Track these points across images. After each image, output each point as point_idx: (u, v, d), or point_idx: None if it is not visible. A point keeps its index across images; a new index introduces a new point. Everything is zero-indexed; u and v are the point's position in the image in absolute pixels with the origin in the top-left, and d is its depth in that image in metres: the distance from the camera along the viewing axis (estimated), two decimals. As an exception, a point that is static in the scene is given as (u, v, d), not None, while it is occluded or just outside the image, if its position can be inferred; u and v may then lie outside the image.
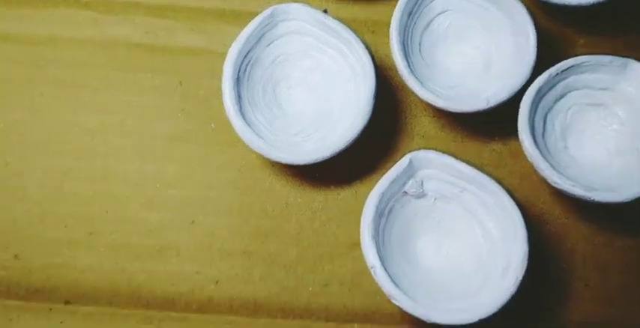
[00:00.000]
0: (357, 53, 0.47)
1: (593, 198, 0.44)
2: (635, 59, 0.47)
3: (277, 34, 0.48)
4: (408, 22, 0.48)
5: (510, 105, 0.46)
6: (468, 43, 0.50)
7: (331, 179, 0.49)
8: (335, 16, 0.48)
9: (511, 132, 0.47)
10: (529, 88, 0.46)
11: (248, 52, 0.48)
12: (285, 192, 0.49)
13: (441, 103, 0.46)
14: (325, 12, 0.48)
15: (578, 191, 0.44)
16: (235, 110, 0.45)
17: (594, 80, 0.47)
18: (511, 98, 0.46)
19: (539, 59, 0.46)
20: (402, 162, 0.45)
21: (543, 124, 0.47)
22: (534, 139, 0.45)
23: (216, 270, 0.48)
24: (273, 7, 0.47)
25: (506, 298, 0.42)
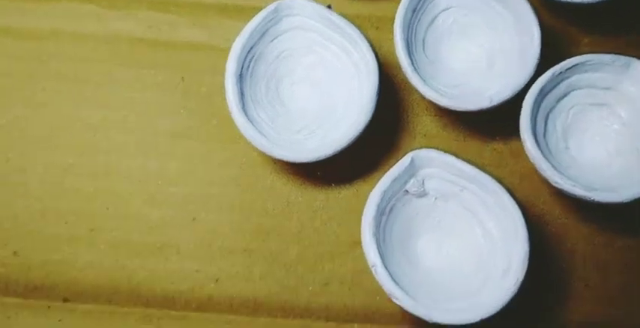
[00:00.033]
0: (360, 50, 0.47)
1: (593, 198, 0.44)
2: (639, 59, 0.47)
3: (281, 29, 0.48)
4: (413, 18, 0.48)
5: (512, 104, 0.46)
6: (471, 41, 0.50)
7: (333, 177, 0.49)
8: (339, 12, 0.48)
9: (512, 132, 0.48)
10: (532, 87, 0.46)
11: (252, 48, 0.47)
12: (287, 191, 0.49)
13: (444, 102, 0.46)
14: (329, 7, 0.48)
15: (579, 191, 0.44)
16: (238, 107, 0.45)
17: (597, 79, 0.48)
18: (514, 97, 0.46)
19: (543, 58, 0.46)
20: (404, 161, 0.45)
21: (545, 124, 0.47)
22: (536, 139, 0.45)
23: (216, 268, 0.48)
24: (278, 2, 0.47)
25: (507, 298, 0.42)
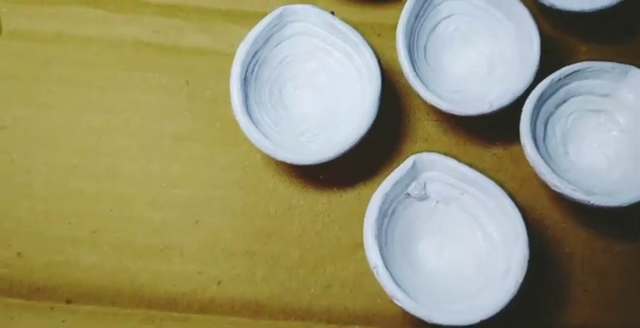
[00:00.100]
0: (363, 56, 0.47)
1: (592, 203, 0.44)
2: (636, 66, 0.47)
3: (285, 34, 0.49)
4: (415, 25, 0.49)
5: (512, 110, 0.46)
6: (472, 48, 0.50)
7: (335, 181, 0.49)
8: (342, 19, 0.48)
9: (512, 138, 0.48)
10: (532, 93, 0.46)
11: (256, 52, 0.48)
12: (289, 194, 0.49)
13: (445, 106, 0.46)
14: (332, 14, 0.48)
15: (579, 195, 0.44)
16: (242, 110, 0.46)
17: (596, 86, 0.48)
18: (514, 102, 0.46)
19: (542, 65, 0.47)
20: (406, 164, 0.45)
21: (544, 129, 0.47)
22: (536, 144, 0.46)
23: (218, 271, 0.48)
24: (283, 7, 0.48)
25: (507, 299, 0.42)
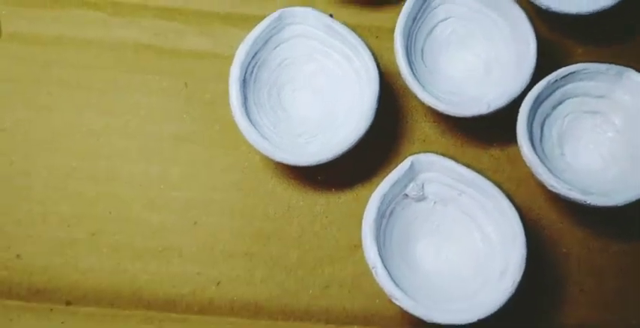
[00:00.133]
0: (362, 58, 0.47)
1: (589, 202, 0.44)
2: (632, 68, 0.47)
3: (284, 37, 0.49)
4: (412, 27, 0.49)
5: (508, 111, 0.47)
6: (469, 50, 0.50)
7: (333, 182, 0.49)
8: (340, 22, 0.48)
9: (509, 139, 0.48)
10: (528, 94, 0.46)
11: (255, 54, 0.48)
12: (288, 195, 0.49)
13: (442, 107, 0.46)
14: (331, 16, 0.48)
15: (575, 195, 0.44)
16: (241, 111, 0.46)
17: (591, 88, 0.48)
18: (511, 104, 0.46)
19: (539, 67, 0.47)
20: (404, 165, 0.46)
21: (541, 131, 0.48)
22: (532, 145, 0.46)
23: (217, 272, 0.48)
24: (281, 10, 0.48)
25: (505, 298, 0.42)
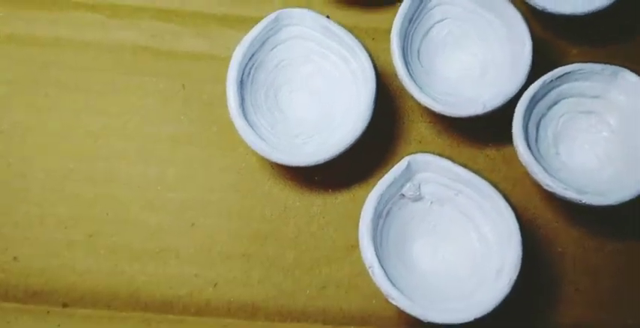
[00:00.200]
0: (359, 59, 0.47)
1: (584, 202, 0.44)
2: (627, 68, 0.47)
3: (281, 38, 0.49)
4: (409, 28, 0.49)
5: (504, 112, 0.47)
6: (465, 51, 0.51)
7: (330, 183, 0.49)
8: (337, 23, 0.48)
9: (504, 139, 0.48)
10: (524, 95, 0.47)
11: (252, 56, 0.48)
12: (284, 196, 0.49)
13: (438, 108, 0.46)
14: (327, 18, 0.48)
15: (570, 194, 0.44)
16: (239, 112, 0.46)
17: (586, 88, 0.48)
18: (506, 104, 0.46)
19: (534, 68, 0.47)
20: (401, 165, 0.46)
21: (536, 131, 0.48)
22: (528, 145, 0.46)
23: (214, 273, 0.48)
24: (278, 11, 0.48)
25: (501, 297, 0.43)
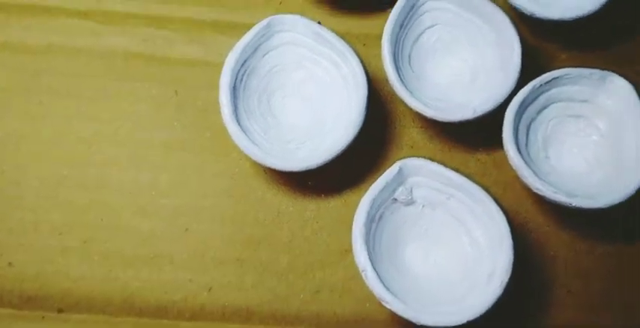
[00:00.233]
0: (350, 65, 0.48)
1: (574, 205, 0.44)
2: (615, 73, 0.48)
3: (273, 44, 0.49)
4: (400, 34, 0.49)
5: (494, 116, 0.47)
6: (455, 56, 0.51)
7: (323, 188, 0.50)
8: (328, 29, 0.48)
9: (495, 143, 0.48)
10: (513, 99, 0.47)
11: (245, 62, 0.48)
12: (278, 201, 0.49)
13: (430, 113, 0.46)
14: (319, 24, 0.49)
15: (560, 197, 0.45)
16: (232, 117, 0.46)
17: (575, 92, 0.48)
18: (496, 109, 0.47)
19: (524, 73, 0.47)
20: (393, 169, 0.46)
21: (526, 135, 0.48)
22: (518, 149, 0.46)
23: (209, 278, 0.48)
24: (270, 17, 0.48)
25: (493, 300, 0.43)
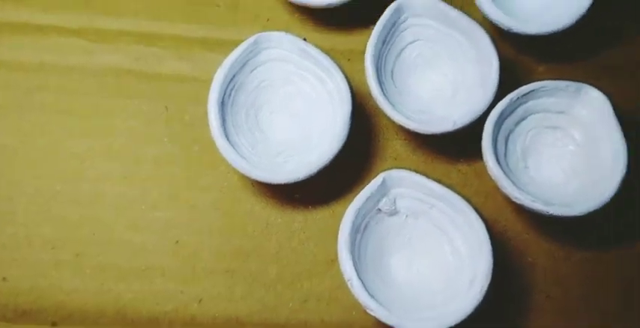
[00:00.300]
0: (335, 80, 0.48)
1: (551, 213, 0.46)
2: (589, 84, 0.49)
3: (260, 60, 0.50)
4: (382, 49, 0.50)
5: (474, 128, 0.48)
6: (436, 71, 0.52)
7: (309, 200, 0.50)
8: (314, 45, 0.49)
9: (476, 154, 0.49)
10: (492, 112, 0.48)
11: (233, 78, 0.49)
12: (266, 213, 0.50)
13: (412, 125, 0.47)
14: (304, 40, 0.50)
15: (538, 206, 0.46)
16: (220, 132, 0.47)
17: (551, 104, 0.49)
18: (476, 121, 0.48)
19: (502, 86, 0.48)
20: (377, 181, 0.47)
21: (505, 146, 0.49)
22: (497, 160, 0.47)
23: (199, 289, 0.49)
24: (257, 34, 0.49)
25: (474, 306, 0.44)
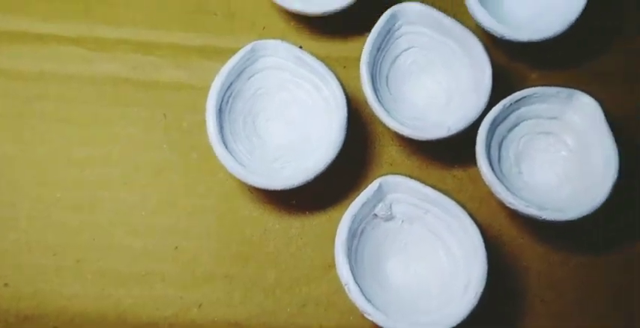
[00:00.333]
0: (330, 87, 0.49)
1: (544, 218, 0.46)
2: (582, 91, 0.49)
3: (257, 68, 0.50)
4: (377, 56, 0.51)
5: (468, 134, 0.49)
6: (430, 78, 0.52)
7: (306, 205, 0.51)
8: (309, 53, 0.50)
9: (470, 160, 0.50)
10: (485, 118, 0.48)
11: (230, 85, 0.50)
12: (264, 219, 0.51)
13: (407, 132, 0.48)
14: (300, 48, 0.50)
15: (531, 211, 0.46)
16: (218, 139, 0.47)
17: (544, 110, 0.50)
18: (470, 127, 0.48)
19: (496, 92, 0.49)
20: (373, 186, 0.48)
21: (499, 151, 0.50)
22: (491, 165, 0.48)
23: (199, 294, 0.49)
24: (254, 42, 0.49)
25: (468, 310, 0.44)
